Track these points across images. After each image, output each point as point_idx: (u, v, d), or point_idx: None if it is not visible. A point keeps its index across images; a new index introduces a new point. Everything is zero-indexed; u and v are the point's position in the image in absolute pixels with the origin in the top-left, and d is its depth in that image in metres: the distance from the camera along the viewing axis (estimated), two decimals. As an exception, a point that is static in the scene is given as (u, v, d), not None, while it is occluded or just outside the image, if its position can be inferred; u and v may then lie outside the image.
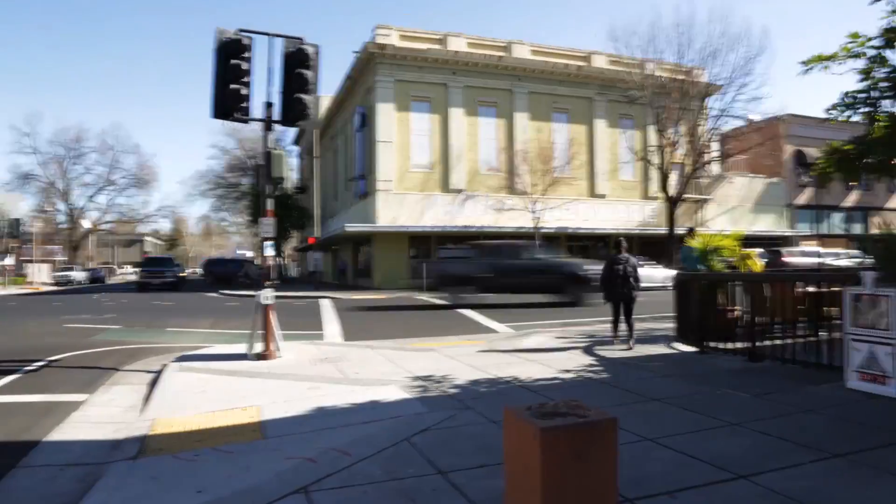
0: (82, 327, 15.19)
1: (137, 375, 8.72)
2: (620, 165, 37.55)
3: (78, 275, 54.81)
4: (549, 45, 37.81)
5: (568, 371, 7.96)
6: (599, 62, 37.42)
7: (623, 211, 37.86)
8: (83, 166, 67.02)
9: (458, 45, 34.62)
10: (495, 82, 35.51)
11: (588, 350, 9.71)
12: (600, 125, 37.76)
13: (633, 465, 4.19)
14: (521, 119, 35.86)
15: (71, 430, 5.96)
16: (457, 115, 34.64)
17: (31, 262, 62.74)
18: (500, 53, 35.51)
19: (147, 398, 7.10)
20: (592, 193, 37.41)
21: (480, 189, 34.68)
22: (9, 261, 47.47)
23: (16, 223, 47.27)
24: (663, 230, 35.30)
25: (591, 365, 8.41)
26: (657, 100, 33.05)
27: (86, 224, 69.40)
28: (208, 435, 5.42)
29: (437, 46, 34.33)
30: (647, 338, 10.88)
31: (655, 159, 34.74)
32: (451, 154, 34.35)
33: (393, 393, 6.82)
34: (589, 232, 36.32)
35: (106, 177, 67.52)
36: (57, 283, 51.64)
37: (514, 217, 34.09)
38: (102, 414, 6.60)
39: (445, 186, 34.27)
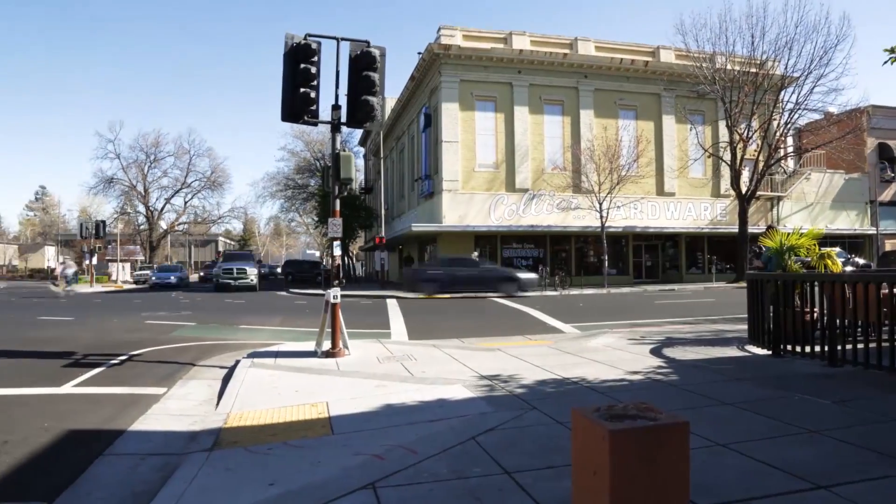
0: (160, 324, 15.86)
1: (212, 371, 9.06)
2: (690, 162, 36.49)
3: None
4: (615, 40, 37.17)
5: (636, 373, 7.81)
6: (667, 57, 36.52)
7: (692, 209, 36.84)
8: (161, 170, 70.00)
9: (522, 43, 34.43)
10: (560, 80, 35.13)
11: (657, 351, 9.50)
12: (668, 122, 36.84)
13: (705, 471, 4.07)
14: (587, 116, 35.37)
15: (152, 422, 6.25)
16: (521, 113, 34.45)
17: (113, 261, 66.02)
18: (565, 51, 35.11)
19: (221, 393, 7.35)
20: (661, 192, 36.53)
21: (546, 188, 34.38)
22: (94, 260, 49.95)
23: (101, 224, 49.64)
24: (734, 229, 34.19)
25: (660, 367, 8.21)
26: (728, 94, 32.02)
27: (163, 225, 72.35)
28: (279, 430, 5.57)
29: (500, 45, 34.23)
30: (717, 340, 10.57)
31: (726, 156, 33.68)
32: (516, 153, 34.20)
33: (458, 392, 6.85)
34: (657, 231, 35.57)
35: (182, 180, 70.28)
36: (136, 282, 54.07)
37: (580, 216, 33.70)
38: (180, 407, 6.88)
39: (511, 186, 34.14)
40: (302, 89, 9.27)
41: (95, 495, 4.34)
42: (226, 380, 8.15)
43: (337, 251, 10.01)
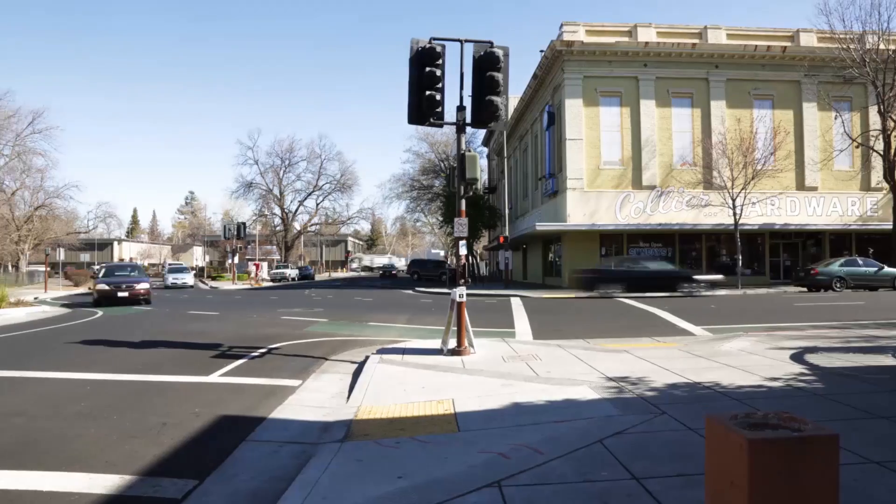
0: (295, 319, 16.74)
1: (343, 365, 9.46)
2: (834, 154, 33.63)
3: (290, 272, 60.42)
4: (748, 27, 35.00)
5: (775, 379, 7.34)
6: (807, 40, 33.89)
7: (837, 205, 34.00)
8: (295, 174, 74.02)
9: (647, 35, 33.26)
10: (689, 71, 33.58)
11: (798, 357, 8.87)
12: (809, 110, 34.16)
13: (856, 490, 3.76)
14: (719, 108, 33.57)
15: (288, 412, 6.64)
16: (648, 108, 33.29)
17: (252, 260, 70.39)
18: (694, 41, 33.53)
19: (351, 387, 7.66)
20: (801, 186, 34.00)
21: (674, 185, 33.02)
22: (235, 259, 53.55)
23: (241, 226, 53.24)
24: (887, 225, 31.21)
25: (802, 374, 7.67)
26: (881, 76, 29.24)
27: (297, 226, 76.28)
28: (407, 424, 5.73)
29: (625, 39, 33.26)
30: (869, 347, 9.72)
31: (878, 145, 30.76)
32: (642, 149, 33.10)
33: (585, 393, 6.74)
34: (798, 228, 33.18)
35: (314, 183, 73.78)
36: (273, 280, 57.40)
37: (711, 214, 32.10)
38: (314, 399, 7.25)
39: (637, 183, 33.09)
40: (427, 92, 9.46)
41: (240, 477, 4.67)
42: (356, 374, 8.48)
43: (462, 250, 10.13)
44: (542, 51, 35.34)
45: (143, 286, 24.33)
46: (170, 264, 50.85)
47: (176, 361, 9.97)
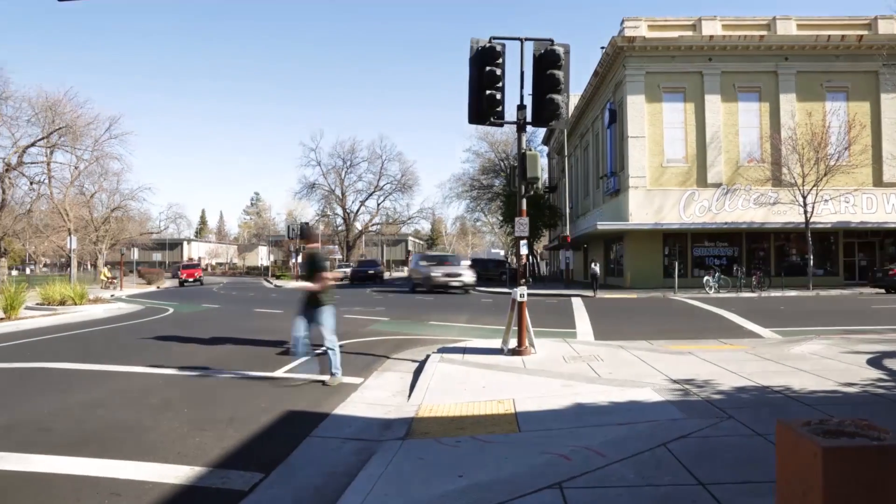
0: (357, 318, 16.98)
1: (404, 364, 9.55)
2: (918, 147, 31.95)
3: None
4: (820, 16, 33.60)
5: (851, 385, 7.03)
6: (887, 28, 32.19)
7: (920, 201, 32.26)
8: (356, 174, 75.03)
9: (712, 28, 32.31)
10: (757, 65, 32.45)
11: (876, 362, 8.47)
12: (889, 102, 32.42)
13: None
14: (788, 102, 32.32)
15: (351, 408, 6.75)
16: (713, 103, 32.35)
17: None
18: (761, 33, 32.37)
19: (412, 385, 7.73)
20: (879, 182, 32.39)
21: (741, 182, 31.99)
22: (299, 259, 54.78)
23: (305, 226, 54.49)
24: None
25: (881, 380, 7.32)
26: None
27: (358, 226, 77.38)
28: (467, 423, 5.75)
29: (689, 33, 32.42)
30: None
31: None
32: (707, 146, 32.20)
33: (648, 395, 6.62)
34: (876, 227, 31.67)
35: (375, 183, 74.70)
36: (335, 279, 58.27)
37: (780, 212, 31.00)
38: (375, 396, 7.35)
39: (702, 181, 32.22)
40: (488, 91, 9.45)
41: (305, 471, 4.78)
42: (417, 373, 8.55)
43: (523, 250, 10.09)
44: (602, 47, 34.85)
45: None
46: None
47: (243, 357, 10.27)
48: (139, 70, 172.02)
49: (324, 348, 8.19)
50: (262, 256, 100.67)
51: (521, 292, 9.67)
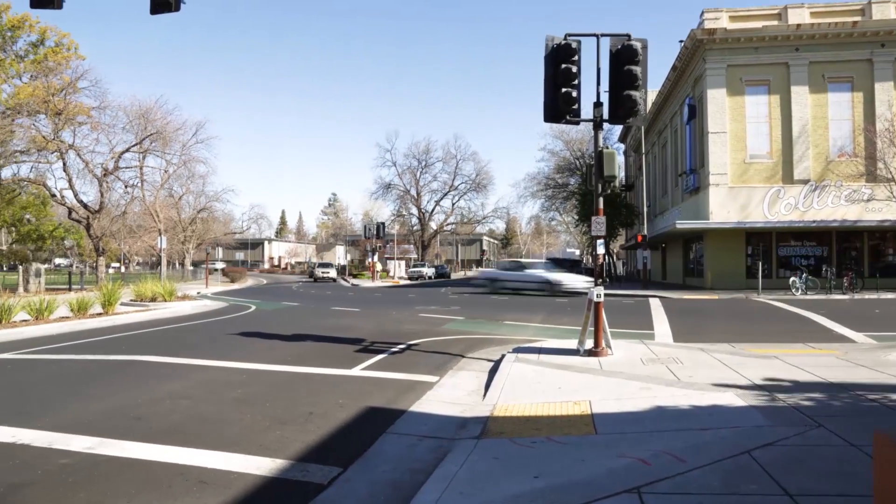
0: (432, 317, 17.13)
1: (479, 363, 9.56)
2: None
3: (427, 270, 61.90)
4: (922, -1, 31.47)
5: (956, 393, 6.58)
6: None
7: None
8: (431, 174, 75.67)
9: (799, 16, 30.81)
10: (849, 53, 30.68)
11: (985, 370, 7.90)
12: None
13: None
14: (885, 92, 30.36)
15: (426, 406, 6.81)
16: (800, 95, 30.83)
17: (391, 258, 72.89)
18: (855, 18, 30.56)
19: (487, 385, 7.73)
20: None
21: (831, 178, 30.37)
22: (375, 258, 55.76)
23: (380, 226, 55.34)
24: None
25: None
26: None
27: (433, 225, 78.00)
28: (543, 424, 5.70)
29: (773, 22, 31.03)
30: None
31: None
32: (794, 140, 30.74)
33: (730, 400, 6.39)
34: None
35: (450, 183, 75.13)
36: (410, 278, 59.11)
37: (875, 209, 29.28)
38: (450, 395, 7.39)
39: (788, 177, 30.80)
40: (563, 89, 9.34)
41: (381, 468, 4.86)
42: (492, 372, 8.54)
43: (600, 249, 9.92)
44: (681, 41, 33.80)
45: None
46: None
47: (321, 354, 10.52)
48: (222, 74, 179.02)
49: (400, 346, 8.30)
50: (340, 256, 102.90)
51: (598, 292, 9.52)
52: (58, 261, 78.05)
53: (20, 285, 35.06)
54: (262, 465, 4.88)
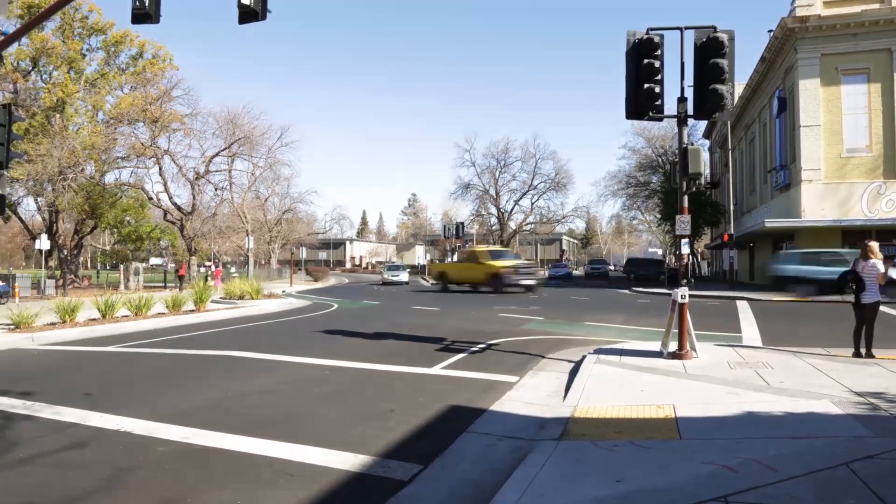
0: (512, 317, 17.08)
1: (559, 364, 9.47)
2: None
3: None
4: None
5: None
6: None
7: None
8: (510, 174, 75.46)
9: (905, -1, 28.88)
10: (963, 36, 28.49)
11: None
12: None
13: None
14: None
15: (506, 406, 6.82)
16: (905, 84, 28.87)
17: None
18: (969, -1, 28.40)
19: (568, 386, 7.65)
20: None
21: (941, 172, 28.34)
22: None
23: (459, 226, 55.67)
24: None
25: None
26: None
27: (512, 225, 77.74)
28: (625, 427, 5.60)
29: (874, 6, 29.15)
30: None
31: None
32: (897, 133, 28.87)
33: (825, 408, 6.08)
34: None
35: (528, 182, 74.71)
36: None
37: None
38: (530, 396, 7.36)
39: (890, 172, 28.90)
40: (646, 85, 9.13)
41: (460, 467, 4.89)
42: (572, 373, 8.45)
43: (684, 249, 9.64)
44: (770, 31, 32.34)
45: None
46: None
47: (402, 352, 10.68)
48: (305, 78, 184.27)
49: (480, 346, 8.33)
50: (419, 255, 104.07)
51: (683, 293, 9.25)
52: (154, 260, 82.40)
53: (121, 283, 37.31)
54: (345, 460, 5.01)
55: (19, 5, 33.74)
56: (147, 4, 12.47)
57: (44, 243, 29.94)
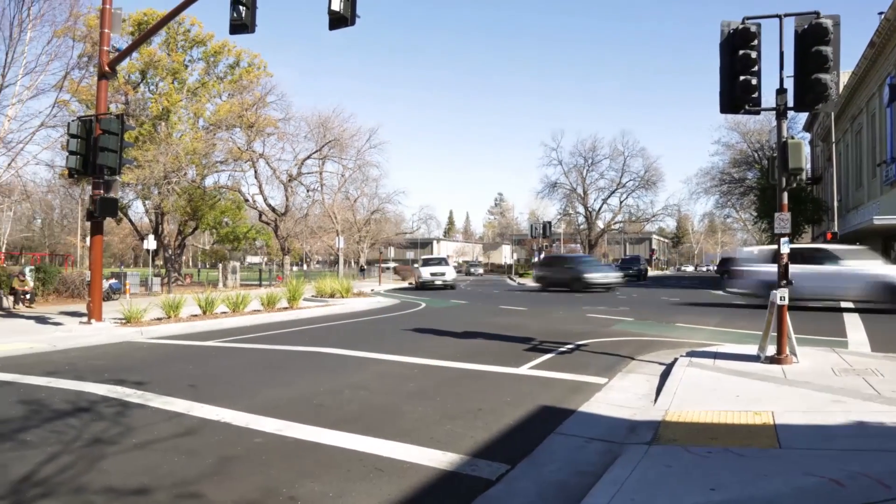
0: (601, 317, 16.80)
1: (649, 366, 9.24)
2: None
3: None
4: None
5: None
6: None
7: None
8: (598, 172, 74.25)
9: None
10: None
11: None
12: None
13: None
14: None
15: (595, 408, 6.73)
16: None
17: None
18: None
19: (659, 389, 7.45)
20: None
21: None
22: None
23: (546, 225, 55.23)
24: None
25: None
26: None
27: (600, 224, 76.42)
28: (719, 433, 5.40)
29: None
30: None
31: None
32: None
33: (944, 419, 5.66)
34: None
35: (617, 180, 73.24)
36: None
37: None
38: (620, 398, 7.22)
39: None
40: (742, 77, 8.76)
41: (548, 467, 4.86)
42: (663, 376, 8.23)
43: (784, 249, 9.20)
44: (881, 13, 30.29)
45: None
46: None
47: (490, 352, 10.69)
48: (391, 80, 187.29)
49: (568, 346, 8.24)
50: (506, 255, 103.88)
51: (782, 294, 8.81)
52: (249, 259, 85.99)
53: (220, 281, 39.15)
54: (433, 457, 5.07)
55: (130, 23, 36.04)
56: (243, 15, 13.08)
57: (151, 243, 31.77)
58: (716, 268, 61.47)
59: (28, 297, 21.15)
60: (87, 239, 17.84)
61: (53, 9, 22.27)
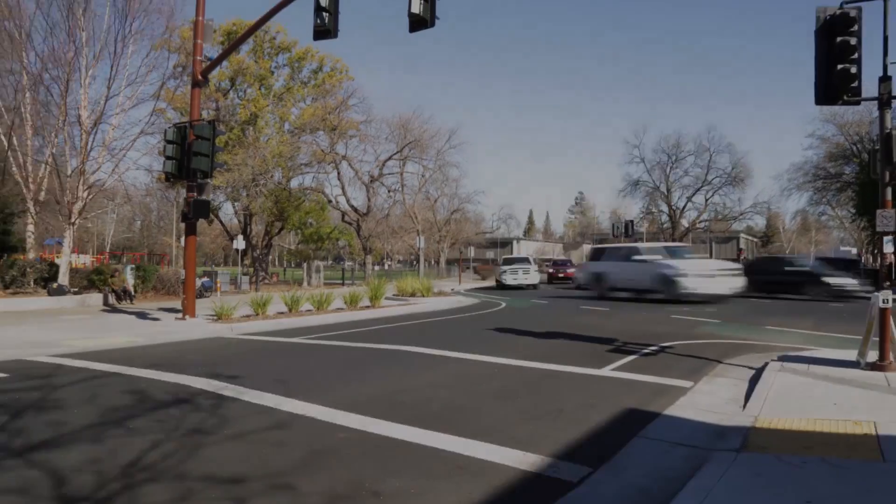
0: (686, 319, 16.30)
1: (737, 370, 8.90)
2: None
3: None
4: None
5: None
6: None
7: None
8: (682, 169, 71.92)
9: None
10: None
11: None
12: None
13: None
14: None
15: (680, 412, 6.53)
16: None
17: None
18: None
19: (748, 394, 7.17)
20: None
21: None
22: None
23: (629, 224, 54.00)
24: None
25: None
26: None
27: (685, 223, 74.06)
28: (814, 442, 5.15)
29: None
30: None
31: None
32: None
33: None
34: None
35: (702, 177, 70.76)
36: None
37: None
38: (706, 402, 6.98)
39: None
40: (840, 66, 8.30)
41: (631, 472, 4.76)
42: (753, 381, 7.91)
43: (888, 248, 8.65)
44: None
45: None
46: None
47: (571, 353, 10.56)
48: (470, 80, 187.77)
49: (652, 348, 8.05)
50: (585, 254, 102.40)
51: (885, 297, 8.30)
52: (332, 259, 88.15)
53: (304, 280, 40.36)
54: (514, 458, 5.05)
55: (220, 33, 37.63)
56: (327, 21, 13.42)
57: (240, 243, 33.08)
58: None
59: (128, 294, 22.41)
60: (182, 239, 18.75)
61: (152, 23, 23.52)
